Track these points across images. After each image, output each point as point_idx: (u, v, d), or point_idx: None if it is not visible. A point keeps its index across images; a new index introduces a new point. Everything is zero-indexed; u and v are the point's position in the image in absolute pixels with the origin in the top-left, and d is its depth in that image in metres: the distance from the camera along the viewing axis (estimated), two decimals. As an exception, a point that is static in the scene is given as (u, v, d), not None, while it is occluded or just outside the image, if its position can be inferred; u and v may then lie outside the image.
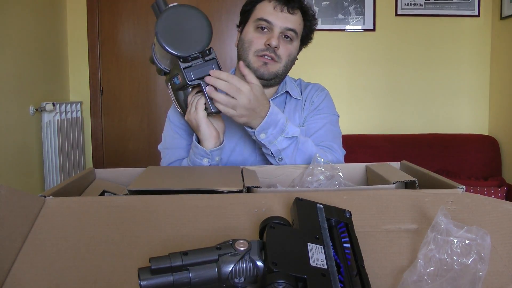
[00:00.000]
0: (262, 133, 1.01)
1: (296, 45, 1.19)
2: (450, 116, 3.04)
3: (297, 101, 1.25)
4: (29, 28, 2.46)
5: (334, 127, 1.23)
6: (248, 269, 0.45)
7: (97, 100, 3.01)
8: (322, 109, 1.24)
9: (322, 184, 0.85)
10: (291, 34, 1.15)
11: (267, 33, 1.14)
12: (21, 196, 0.61)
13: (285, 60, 1.16)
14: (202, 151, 1.03)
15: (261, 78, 1.16)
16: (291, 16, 1.14)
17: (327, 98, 1.28)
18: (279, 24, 1.13)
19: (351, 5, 2.95)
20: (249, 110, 0.96)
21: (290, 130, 1.03)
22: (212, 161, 1.04)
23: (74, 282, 0.52)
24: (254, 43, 1.14)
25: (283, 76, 1.20)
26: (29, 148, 2.43)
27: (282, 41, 1.14)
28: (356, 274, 0.49)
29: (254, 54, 1.15)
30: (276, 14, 1.13)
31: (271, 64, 1.15)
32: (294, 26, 1.14)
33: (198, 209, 0.64)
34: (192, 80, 0.94)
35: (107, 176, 0.95)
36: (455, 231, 0.48)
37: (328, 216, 0.55)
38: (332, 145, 1.16)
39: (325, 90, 1.30)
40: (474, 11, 2.97)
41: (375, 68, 3.01)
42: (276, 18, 1.13)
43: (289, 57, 1.17)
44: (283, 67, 1.16)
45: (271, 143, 1.02)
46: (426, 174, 0.83)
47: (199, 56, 0.93)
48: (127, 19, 2.97)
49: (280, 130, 1.02)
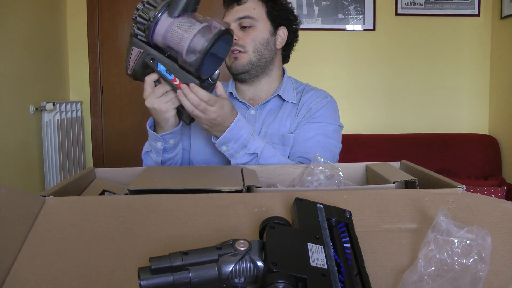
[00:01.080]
0: (223, 146, 1.02)
1: (261, 28, 1.19)
2: (450, 115, 3.04)
3: (293, 106, 1.22)
4: (29, 27, 2.45)
5: (327, 139, 1.16)
6: (248, 269, 0.45)
7: (97, 100, 3.01)
8: (318, 118, 1.18)
9: (322, 184, 0.85)
10: (247, 22, 1.18)
11: None
12: (21, 196, 0.61)
13: (251, 46, 1.18)
14: (153, 135, 1.04)
15: (237, 73, 1.20)
16: (240, 7, 1.19)
17: (328, 106, 1.21)
18: (231, 19, 1.18)
19: (351, 4, 2.95)
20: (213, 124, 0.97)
21: (253, 146, 1.03)
22: (166, 143, 1.04)
23: (74, 282, 0.52)
24: None
25: (261, 62, 1.20)
26: (29, 147, 2.43)
27: (241, 32, 1.18)
28: (356, 274, 0.49)
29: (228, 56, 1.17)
30: (228, 13, 1.21)
31: (240, 56, 1.18)
32: (245, 13, 1.18)
33: (198, 208, 0.64)
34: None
35: (107, 176, 0.95)
36: (456, 231, 0.48)
37: (328, 216, 0.55)
38: None
39: (328, 97, 1.23)
40: (474, 11, 2.97)
41: (375, 67, 3.01)
42: (228, 16, 1.20)
43: (254, 41, 1.18)
44: (252, 53, 1.18)
45: (231, 156, 1.03)
46: (426, 173, 0.83)
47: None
48: (127, 19, 2.96)
49: (242, 145, 1.02)
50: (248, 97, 1.26)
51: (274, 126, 1.19)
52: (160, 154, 1.06)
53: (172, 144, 1.05)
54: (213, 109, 0.94)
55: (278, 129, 1.19)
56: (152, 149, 1.07)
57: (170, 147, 1.06)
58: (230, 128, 1.00)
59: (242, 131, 1.02)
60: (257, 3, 1.21)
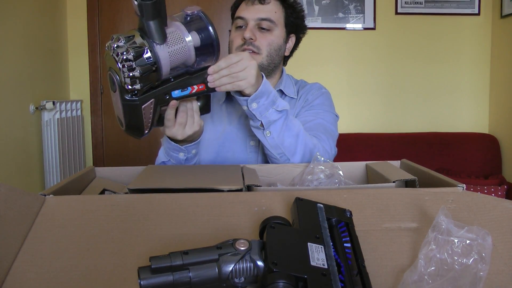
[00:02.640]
0: (254, 103, 0.97)
1: (277, 33, 1.18)
2: (450, 114, 3.04)
3: (291, 100, 1.24)
4: (29, 26, 2.45)
5: (327, 123, 1.18)
6: (249, 269, 0.45)
7: (97, 99, 3.01)
8: (316, 106, 1.21)
9: (322, 183, 0.85)
10: (267, 24, 1.16)
11: (244, 29, 1.16)
12: (21, 195, 0.61)
13: (266, 50, 1.16)
14: (176, 146, 1.02)
15: None
16: (262, 7, 1.16)
17: (324, 96, 1.25)
18: (250, 17, 1.15)
19: (351, 3, 2.95)
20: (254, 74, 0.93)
21: (280, 104, 1.01)
22: (189, 153, 1.04)
23: (74, 281, 0.52)
24: (234, 41, 1.18)
25: (270, 66, 1.19)
26: (29, 146, 2.43)
27: (258, 32, 1.16)
28: (356, 274, 0.49)
29: (236, 51, 1.16)
30: (247, 8, 1.16)
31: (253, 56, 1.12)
32: (267, 15, 1.15)
33: (198, 208, 0.64)
34: None
35: (107, 175, 0.95)
36: (456, 231, 0.48)
37: (328, 215, 0.55)
38: (320, 135, 1.11)
39: (323, 89, 1.28)
40: (474, 10, 2.96)
41: (375, 66, 3.00)
42: (247, 12, 1.16)
43: (270, 46, 1.17)
44: (265, 57, 1.16)
45: (262, 114, 0.99)
46: (426, 172, 0.82)
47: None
48: (127, 18, 2.96)
49: (272, 102, 0.99)
50: None
51: None
52: (182, 163, 1.05)
53: (194, 154, 1.05)
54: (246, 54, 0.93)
55: None
56: (172, 159, 1.05)
57: (192, 157, 1.05)
58: (264, 82, 0.98)
59: (270, 87, 1.00)
60: (278, 6, 1.19)
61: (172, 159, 1.05)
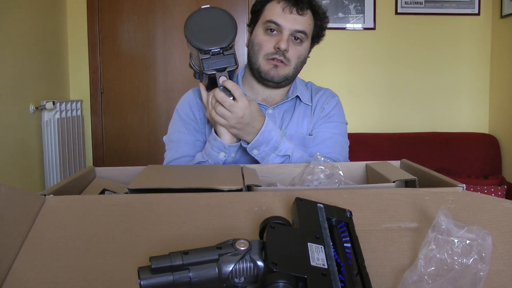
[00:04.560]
0: (254, 150, 1.02)
1: (306, 46, 1.17)
2: (450, 114, 3.04)
3: (307, 107, 1.23)
4: (29, 26, 2.45)
5: (342, 138, 1.22)
6: (249, 269, 0.45)
7: (97, 99, 3.01)
8: (332, 117, 1.22)
9: (322, 183, 0.85)
10: (301, 36, 1.13)
11: (276, 36, 1.13)
12: (21, 195, 0.61)
13: (294, 62, 1.15)
14: (221, 144, 1.03)
15: (271, 81, 1.16)
16: (300, 17, 1.12)
17: (338, 105, 1.26)
18: (288, 27, 1.11)
19: (351, 3, 2.95)
20: (242, 124, 0.98)
21: (283, 148, 1.04)
22: (228, 156, 1.04)
23: (74, 281, 0.52)
24: (263, 46, 1.14)
25: (293, 78, 1.19)
26: (29, 146, 2.43)
27: (291, 43, 1.13)
28: (356, 274, 0.49)
29: (264, 57, 1.14)
30: (285, 16, 1.11)
31: (281, 67, 1.14)
32: (303, 28, 1.12)
33: (198, 207, 0.64)
34: (208, 69, 0.99)
35: (107, 175, 0.95)
36: (456, 231, 0.48)
37: (328, 215, 0.55)
38: (337, 158, 1.15)
39: (336, 96, 1.27)
40: (474, 10, 2.96)
41: (375, 66, 3.00)
42: (285, 20, 1.11)
43: (299, 59, 1.16)
44: (293, 69, 1.16)
45: (263, 159, 1.04)
46: (426, 172, 0.82)
47: (220, 52, 0.99)
48: (127, 18, 2.96)
49: (273, 148, 1.03)
50: (261, 97, 1.23)
51: (291, 127, 1.20)
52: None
53: (233, 158, 1.06)
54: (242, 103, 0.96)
55: (296, 129, 1.20)
56: (211, 159, 1.05)
57: (230, 161, 1.05)
58: (261, 131, 1.00)
59: (273, 133, 1.03)
60: (311, 19, 1.16)
61: (210, 160, 1.05)
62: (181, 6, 2.97)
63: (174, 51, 3.00)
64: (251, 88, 1.23)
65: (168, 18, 2.98)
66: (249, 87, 1.24)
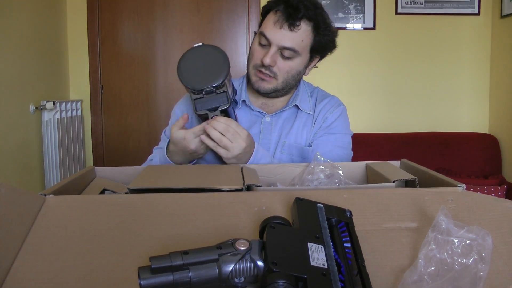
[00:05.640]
0: None
1: (299, 61, 1.13)
2: (450, 114, 3.04)
3: (308, 116, 1.21)
4: (30, 26, 2.45)
5: (343, 150, 1.19)
6: (249, 268, 0.45)
7: (97, 99, 3.01)
8: (334, 128, 1.20)
9: (322, 183, 0.85)
10: (290, 54, 1.10)
11: (265, 49, 1.11)
12: (21, 195, 0.61)
13: (282, 76, 1.13)
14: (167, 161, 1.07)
15: (258, 91, 1.16)
16: (290, 34, 1.07)
17: (342, 115, 1.22)
18: (275, 42, 1.08)
19: (351, 3, 2.95)
20: (242, 153, 0.97)
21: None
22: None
23: (74, 281, 0.52)
24: (254, 56, 1.14)
25: (285, 89, 1.17)
26: (29, 146, 2.43)
27: (279, 58, 1.11)
28: (356, 274, 0.49)
29: (253, 68, 1.15)
30: (274, 30, 1.08)
31: (267, 80, 1.13)
32: (292, 45, 1.08)
33: (198, 207, 0.64)
34: (200, 110, 0.99)
35: (107, 175, 0.95)
36: (456, 231, 0.48)
37: (328, 215, 0.55)
38: None
39: (341, 105, 1.24)
40: (474, 10, 2.96)
41: (375, 66, 3.00)
42: (273, 35, 1.08)
43: (288, 73, 1.13)
44: (281, 83, 1.14)
45: None
46: (426, 172, 0.82)
47: (212, 91, 0.98)
48: (128, 18, 2.96)
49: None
50: (260, 102, 1.23)
51: (291, 137, 1.18)
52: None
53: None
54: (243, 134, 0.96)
55: (295, 140, 1.18)
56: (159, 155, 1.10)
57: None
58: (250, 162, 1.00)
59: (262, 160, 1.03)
60: (307, 33, 1.10)
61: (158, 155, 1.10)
62: (181, 6, 2.97)
63: (174, 51, 3.00)
64: (252, 93, 1.23)
65: (168, 18, 2.98)
66: (250, 91, 1.24)
